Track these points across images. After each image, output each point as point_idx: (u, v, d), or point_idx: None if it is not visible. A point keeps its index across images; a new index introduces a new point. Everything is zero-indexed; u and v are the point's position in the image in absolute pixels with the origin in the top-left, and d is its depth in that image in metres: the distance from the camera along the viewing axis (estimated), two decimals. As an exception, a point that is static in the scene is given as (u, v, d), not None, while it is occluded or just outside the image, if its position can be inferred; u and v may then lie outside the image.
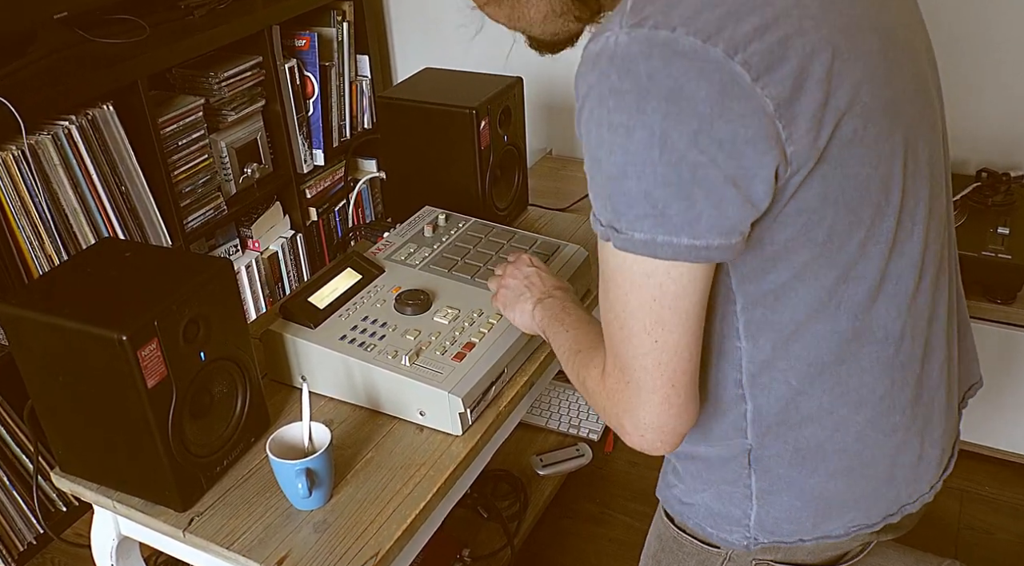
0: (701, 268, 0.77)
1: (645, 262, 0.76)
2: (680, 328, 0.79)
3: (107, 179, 1.85)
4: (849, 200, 0.79)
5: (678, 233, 0.74)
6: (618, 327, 0.81)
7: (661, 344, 0.79)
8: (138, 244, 1.84)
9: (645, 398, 0.82)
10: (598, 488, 2.16)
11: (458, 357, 1.25)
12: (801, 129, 0.73)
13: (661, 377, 0.81)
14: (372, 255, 1.49)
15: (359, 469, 1.20)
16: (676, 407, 0.82)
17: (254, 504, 1.15)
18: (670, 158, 0.71)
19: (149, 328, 1.02)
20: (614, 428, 0.87)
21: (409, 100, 1.70)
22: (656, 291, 0.77)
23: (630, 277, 0.77)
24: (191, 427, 1.12)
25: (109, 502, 1.17)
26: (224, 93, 2.11)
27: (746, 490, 0.94)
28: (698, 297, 0.79)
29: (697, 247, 0.74)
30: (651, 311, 0.78)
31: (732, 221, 0.74)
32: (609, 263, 0.80)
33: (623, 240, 0.76)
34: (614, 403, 0.85)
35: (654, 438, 0.84)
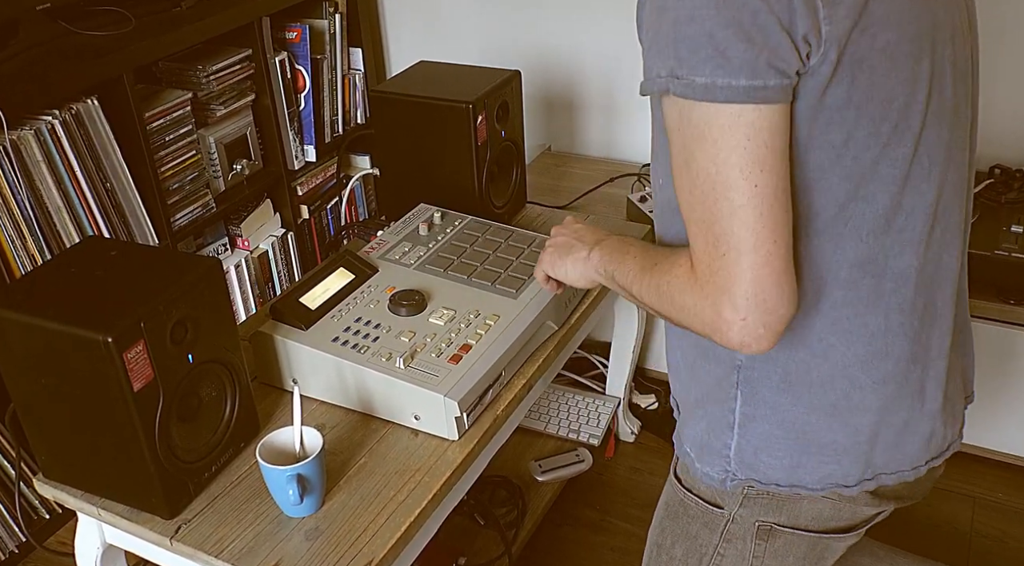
0: (784, 110, 0.80)
1: (730, 106, 0.79)
2: (777, 170, 0.80)
3: (92, 176, 1.85)
4: (871, 110, 0.82)
5: (737, 74, 0.77)
6: (711, 187, 0.81)
7: (761, 189, 0.80)
8: (124, 243, 1.84)
9: (746, 263, 0.80)
10: (598, 495, 2.16)
11: (454, 359, 1.25)
12: (840, 14, 0.79)
13: (763, 231, 0.80)
14: (365, 254, 1.49)
15: (352, 475, 1.20)
16: (777, 272, 0.81)
17: (243, 511, 1.15)
18: (732, 2, 0.77)
19: (135, 330, 1.02)
20: (708, 327, 0.85)
21: (404, 94, 1.70)
22: (748, 130, 0.79)
23: (718, 123, 0.79)
24: (178, 432, 1.12)
25: (94, 509, 1.17)
26: (212, 87, 2.11)
27: (730, 415, 0.97)
28: (786, 139, 0.81)
29: (755, 87, 0.78)
30: (746, 152, 0.79)
31: (785, 62, 0.78)
32: (691, 121, 0.81)
33: (684, 86, 0.80)
34: (708, 290, 0.83)
35: (756, 319, 0.82)
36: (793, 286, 0.82)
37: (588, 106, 2.36)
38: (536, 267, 1.28)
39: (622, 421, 2.30)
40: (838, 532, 1.04)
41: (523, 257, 1.48)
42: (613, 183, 2.11)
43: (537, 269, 1.27)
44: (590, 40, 2.27)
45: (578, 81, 2.35)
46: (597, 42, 2.26)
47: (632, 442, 2.31)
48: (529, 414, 2.24)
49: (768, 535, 1.04)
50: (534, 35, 2.33)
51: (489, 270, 1.45)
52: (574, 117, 2.39)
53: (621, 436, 2.32)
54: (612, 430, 2.30)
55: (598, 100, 2.34)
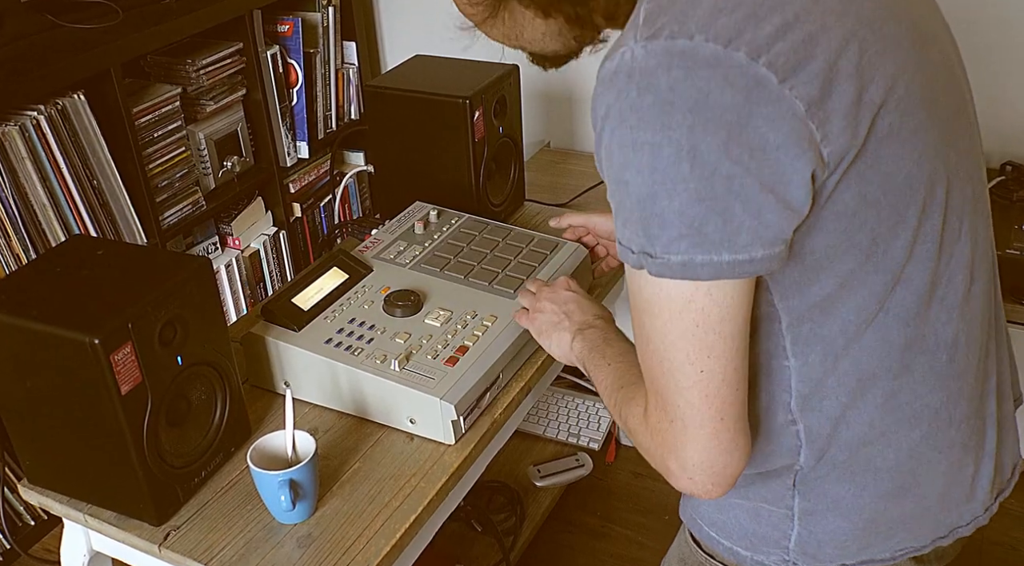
0: (743, 284, 0.77)
1: (683, 286, 0.76)
2: (727, 354, 0.78)
3: (78, 173, 1.85)
4: (891, 200, 0.79)
5: (718, 250, 0.73)
6: (658, 361, 0.80)
7: (707, 373, 0.78)
8: (111, 242, 1.85)
9: (692, 435, 0.80)
10: (599, 500, 2.16)
11: (451, 362, 1.25)
12: (836, 128, 0.73)
13: (709, 410, 0.79)
14: (359, 253, 1.49)
15: (345, 480, 1.20)
16: (726, 442, 0.81)
17: (234, 518, 1.15)
18: (702, 172, 0.71)
19: (123, 331, 1.02)
20: (661, 471, 0.86)
21: (399, 89, 1.70)
22: (698, 316, 0.76)
23: (668, 305, 0.77)
24: (167, 436, 1.12)
25: (80, 515, 1.17)
26: (202, 82, 2.11)
27: (787, 511, 0.94)
28: (742, 318, 0.78)
29: (739, 261, 0.74)
30: (694, 339, 0.77)
31: (774, 230, 0.74)
32: (643, 294, 0.79)
33: (659, 265, 0.75)
34: (658, 444, 0.84)
35: (704, 479, 0.82)
36: (746, 442, 0.82)
37: (588, 101, 2.36)
38: (518, 316, 1.30)
39: (623, 425, 2.29)
40: None
41: (521, 256, 1.48)
42: (614, 180, 2.11)
43: (521, 320, 1.29)
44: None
45: (578, 75, 2.34)
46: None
47: (633, 446, 2.31)
48: (528, 418, 2.24)
49: None
50: (533, 28, 2.33)
51: (486, 270, 1.45)
52: (574, 112, 2.39)
53: (622, 440, 2.32)
54: (613, 434, 2.30)
55: (599, 95, 2.34)
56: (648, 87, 0.72)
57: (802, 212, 0.75)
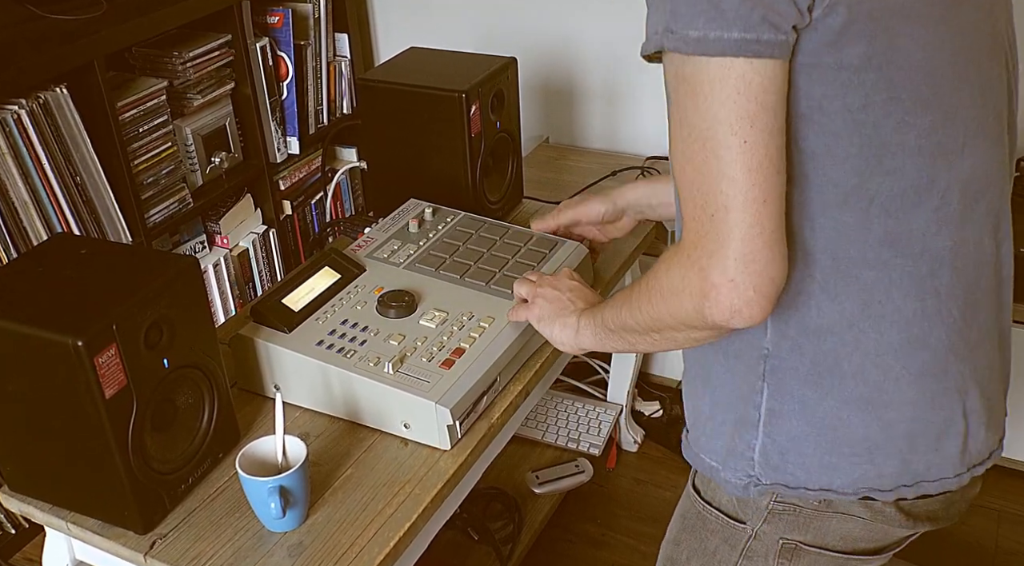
0: (779, 66, 0.81)
1: (721, 60, 0.80)
2: (768, 127, 0.82)
3: (60, 169, 1.85)
4: (892, 72, 0.83)
5: (730, 27, 0.79)
6: (700, 146, 0.83)
7: (751, 146, 0.81)
8: (95, 240, 1.85)
9: (734, 221, 0.82)
10: (600, 508, 2.16)
11: (446, 364, 1.26)
12: None
13: (752, 189, 0.82)
14: (352, 252, 1.49)
15: (337, 487, 1.20)
16: (767, 232, 0.83)
17: (222, 526, 1.15)
18: None
19: (107, 333, 1.02)
20: (696, 299, 0.86)
21: (392, 83, 1.70)
22: (739, 83, 0.80)
23: (708, 76, 0.81)
24: (153, 441, 1.12)
25: (62, 523, 1.17)
26: (189, 75, 2.11)
27: (755, 411, 0.97)
28: (780, 97, 0.82)
29: (748, 40, 0.79)
30: (736, 106, 0.81)
31: (780, 16, 0.79)
32: (683, 74, 0.83)
33: (676, 40, 0.82)
34: (695, 257, 0.85)
35: (745, 281, 0.83)
36: (784, 249, 0.84)
37: (589, 95, 2.36)
38: (513, 311, 1.30)
39: (624, 430, 2.30)
40: (866, 554, 1.03)
41: (519, 255, 1.48)
42: (615, 177, 2.11)
43: (517, 312, 1.30)
44: (591, 25, 2.27)
45: (578, 68, 2.35)
46: (599, 27, 2.26)
47: (635, 452, 2.31)
48: (526, 422, 2.24)
49: (792, 554, 1.03)
50: (531, 19, 2.34)
51: (483, 269, 1.45)
52: (574, 107, 2.40)
53: (623, 445, 2.32)
54: (614, 439, 2.30)
55: (599, 89, 2.34)
56: None
57: (802, 9, 0.80)
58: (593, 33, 2.27)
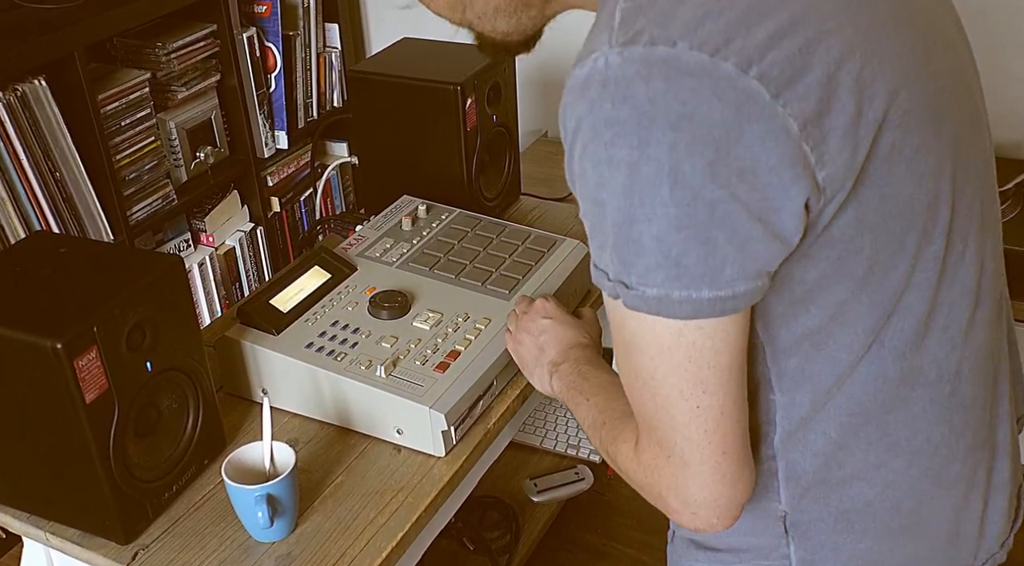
0: (732, 319, 0.75)
1: (669, 322, 0.74)
2: (724, 387, 0.77)
3: (39, 164, 1.85)
4: (890, 225, 0.77)
5: (697, 285, 0.72)
6: (650, 396, 0.79)
7: (704, 409, 0.77)
8: (75, 239, 1.84)
9: (693, 471, 0.79)
10: (600, 517, 2.16)
11: (440, 368, 1.25)
12: (833, 149, 0.71)
13: (709, 446, 0.78)
14: (343, 251, 1.49)
15: (328, 495, 1.20)
16: (730, 475, 0.80)
17: (207, 536, 1.15)
18: (683, 196, 0.69)
19: (87, 335, 1.02)
20: (659, 507, 0.85)
21: (385, 75, 1.69)
22: (689, 351, 0.75)
23: (656, 340, 0.75)
24: (135, 448, 1.11)
25: (41, 534, 1.17)
26: (173, 66, 2.11)
27: (785, 560, 0.93)
28: (739, 348, 0.77)
29: (721, 298, 0.72)
30: (687, 374, 0.76)
31: (760, 263, 0.73)
32: (627, 326, 0.77)
33: (633, 298, 0.74)
34: (653, 481, 0.83)
35: (708, 514, 0.81)
36: (749, 477, 0.81)
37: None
38: (508, 342, 1.28)
39: (626, 435, 2.30)
40: None
41: (516, 255, 1.48)
42: (616, 173, 2.11)
43: (508, 339, 1.28)
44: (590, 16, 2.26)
45: (578, 60, 2.34)
46: (598, 17, 2.25)
47: (637, 459, 2.31)
48: (523, 428, 2.24)
49: None
50: (529, 10, 2.33)
51: (479, 269, 1.45)
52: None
53: (625, 452, 2.32)
54: (615, 445, 2.30)
55: (600, 81, 2.34)
56: (625, 99, 0.69)
57: (792, 244, 0.74)
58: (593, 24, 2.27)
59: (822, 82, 0.70)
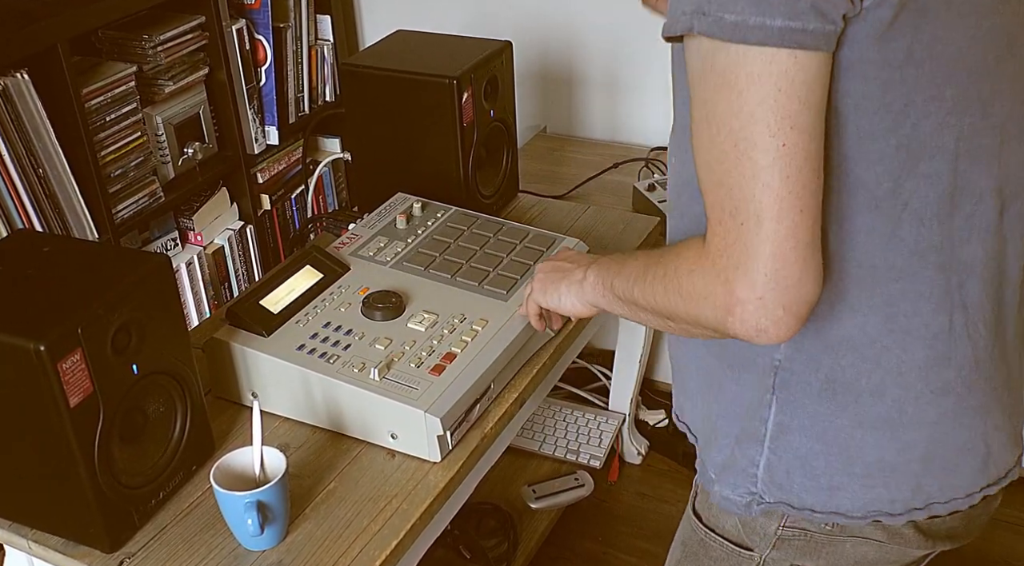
0: (824, 60, 0.78)
1: (762, 50, 0.77)
2: (810, 129, 0.79)
3: (21, 160, 1.85)
4: (934, 68, 0.81)
5: (773, 13, 0.75)
6: (732, 145, 0.80)
7: (790, 149, 0.78)
8: (58, 237, 1.84)
9: (766, 233, 0.80)
10: (601, 524, 2.16)
11: (436, 370, 1.26)
12: None
13: (789, 197, 0.79)
14: (335, 250, 1.49)
15: (319, 502, 1.20)
16: (802, 246, 0.80)
17: (196, 544, 1.15)
18: None
19: (71, 337, 1.02)
20: (720, 312, 0.84)
21: (378, 68, 1.70)
22: (781, 80, 0.77)
23: (746, 69, 0.78)
24: (121, 453, 1.11)
25: (23, 542, 1.17)
26: (160, 59, 2.11)
27: (761, 425, 0.96)
28: (823, 94, 0.79)
29: (792, 29, 0.76)
30: (776, 105, 0.78)
31: (831, 3, 0.76)
32: (714, 65, 0.79)
33: (709, 23, 0.78)
34: (721, 266, 0.83)
35: (775, 299, 0.81)
36: (819, 263, 0.82)
37: (589, 82, 2.36)
38: (525, 302, 1.28)
39: (627, 440, 2.30)
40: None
41: (515, 254, 1.48)
42: (618, 169, 2.11)
43: (527, 304, 1.27)
44: (592, 6, 2.27)
45: (578, 53, 2.35)
46: (600, 8, 2.26)
47: (639, 464, 2.32)
48: (521, 432, 2.24)
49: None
50: (527, 1, 2.34)
51: (476, 269, 1.45)
52: (573, 94, 2.40)
53: (626, 457, 2.32)
54: (616, 450, 2.30)
55: (600, 75, 2.34)
56: None
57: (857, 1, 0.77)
58: (594, 15, 2.27)
59: None
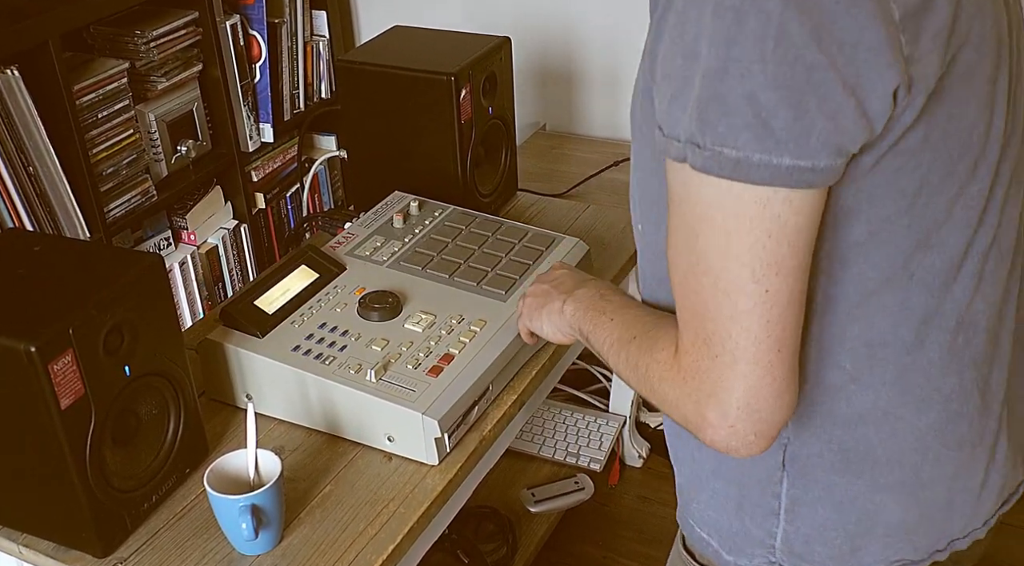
0: (822, 193, 0.76)
1: (757, 190, 0.74)
2: (795, 273, 0.77)
3: (11, 158, 1.85)
4: (949, 148, 0.80)
5: (779, 150, 0.72)
6: (711, 283, 0.78)
7: (773, 295, 0.77)
8: (49, 237, 1.84)
9: (741, 372, 0.79)
10: (601, 528, 2.16)
11: (434, 371, 1.26)
12: (924, 48, 0.74)
13: (768, 339, 0.78)
14: (331, 250, 1.49)
15: (315, 506, 1.20)
16: (779, 380, 0.79)
17: (189, 548, 1.15)
18: (785, 54, 0.70)
19: (63, 338, 1.02)
20: (690, 425, 0.84)
21: (375, 65, 1.70)
22: (772, 225, 0.75)
23: (736, 210, 0.75)
24: (113, 456, 1.11)
25: (14, 547, 1.17)
26: (153, 56, 2.11)
27: (774, 499, 0.94)
28: (814, 235, 0.77)
29: (800, 168, 0.73)
30: (764, 252, 0.75)
31: (845, 138, 0.73)
32: (702, 198, 0.77)
33: (706, 158, 0.74)
34: (693, 388, 0.82)
35: (747, 427, 0.81)
36: (794, 391, 0.81)
37: (589, 79, 2.36)
38: (518, 319, 1.28)
39: (628, 443, 2.30)
40: None
41: (513, 253, 1.48)
42: (618, 167, 2.11)
43: (519, 322, 1.27)
44: (592, 2, 2.27)
45: (578, 49, 2.35)
46: (600, 5, 2.26)
47: (639, 467, 2.32)
48: (520, 435, 2.24)
49: None
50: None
51: (474, 268, 1.45)
52: (573, 91, 2.40)
53: (627, 460, 2.32)
54: (617, 453, 2.30)
55: (601, 72, 2.34)
56: None
57: (876, 128, 0.75)
58: (594, 11, 2.28)
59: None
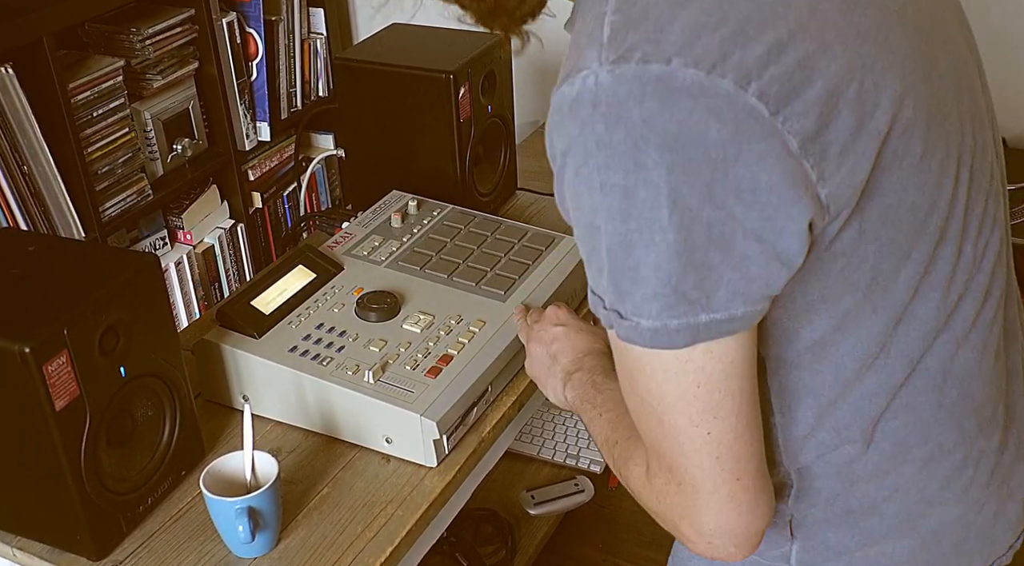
0: (743, 335, 0.75)
1: (677, 353, 0.74)
2: (736, 411, 0.77)
3: (5, 157, 1.85)
4: (893, 234, 0.78)
5: (694, 311, 0.72)
6: (656, 423, 0.79)
7: (716, 435, 0.77)
8: (44, 236, 1.84)
9: (705, 500, 0.79)
10: (601, 531, 2.16)
11: (432, 372, 1.25)
12: (833, 164, 0.72)
13: (722, 472, 0.78)
14: (328, 250, 1.49)
15: (312, 508, 1.20)
16: (746, 502, 0.79)
17: (185, 551, 1.14)
18: (682, 219, 0.70)
19: (57, 338, 1.02)
20: (675, 535, 0.85)
21: (373, 62, 1.69)
22: (698, 376, 0.75)
23: (661, 366, 0.75)
24: (108, 458, 1.11)
25: (7, 549, 1.17)
26: (148, 53, 2.11)
27: (784, 562, 0.94)
28: (750, 367, 0.77)
29: (718, 321, 0.73)
30: (697, 400, 0.76)
31: (757, 284, 0.73)
32: (631, 352, 0.77)
33: (628, 329, 0.75)
34: (666, 508, 0.83)
35: (725, 543, 0.81)
36: (769, 496, 0.81)
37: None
38: (520, 336, 1.28)
39: (628, 445, 2.30)
40: None
41: (513, 253, 1.48)
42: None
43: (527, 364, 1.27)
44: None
45: (577, 48, 2.34)
46: (599, 2, 2.26)
47: (640, 469, 2.31)
48: (520, 437, 2.24)
49: None
50: (526, -6, 2.33)
51: (473, 268, 1.45)
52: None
53: (627, 462, 2.32)
54: (617, 455, 2.30)
55: (600, 70, 2.34)
56: (618, 120, 0.69)
57: (793, 266, 0.74)
58: (594, 8, 2.27)
59: (822, 97, 0.70)
